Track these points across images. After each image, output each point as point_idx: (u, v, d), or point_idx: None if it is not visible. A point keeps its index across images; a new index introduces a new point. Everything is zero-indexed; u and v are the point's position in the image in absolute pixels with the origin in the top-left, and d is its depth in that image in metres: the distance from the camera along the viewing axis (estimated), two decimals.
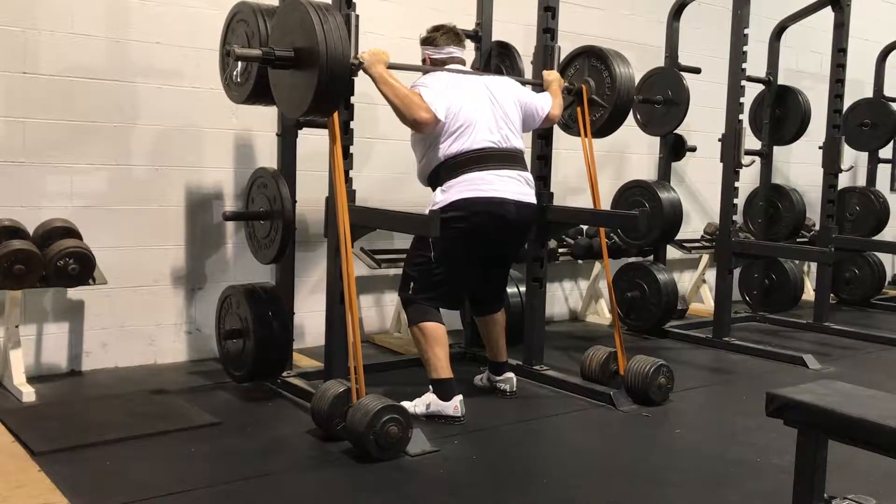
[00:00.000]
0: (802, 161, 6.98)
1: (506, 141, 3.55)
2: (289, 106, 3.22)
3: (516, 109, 3.65)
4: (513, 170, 3.54)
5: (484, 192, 3.45)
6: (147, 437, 3.15)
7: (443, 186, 3.49)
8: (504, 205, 3.48)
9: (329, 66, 2.91)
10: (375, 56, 3.33)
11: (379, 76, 3.33)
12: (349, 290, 3.16)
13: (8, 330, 3.67)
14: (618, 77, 4.06)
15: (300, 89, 3.04)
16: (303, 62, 3.00)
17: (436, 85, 3.46)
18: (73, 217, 3.87)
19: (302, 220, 4.44)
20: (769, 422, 2.10)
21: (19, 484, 2.62)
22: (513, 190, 3.52)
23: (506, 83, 3.73)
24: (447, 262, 3.50)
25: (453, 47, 3.71)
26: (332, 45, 2.91)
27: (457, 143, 3.47)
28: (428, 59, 3.72)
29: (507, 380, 3.84)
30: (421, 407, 3.45)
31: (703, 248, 6.29)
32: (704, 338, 5.19)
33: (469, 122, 3.48)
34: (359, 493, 2.75)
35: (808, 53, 7.06)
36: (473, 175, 3.45)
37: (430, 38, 3.73)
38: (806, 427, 1.99)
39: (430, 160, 3.56)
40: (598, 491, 2.84)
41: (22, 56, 3.80)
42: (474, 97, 3.53)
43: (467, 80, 3.61)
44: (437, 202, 3.48)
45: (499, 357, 3.86)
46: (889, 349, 5.25)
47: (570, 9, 5.02)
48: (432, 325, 3.48)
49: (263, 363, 3.67)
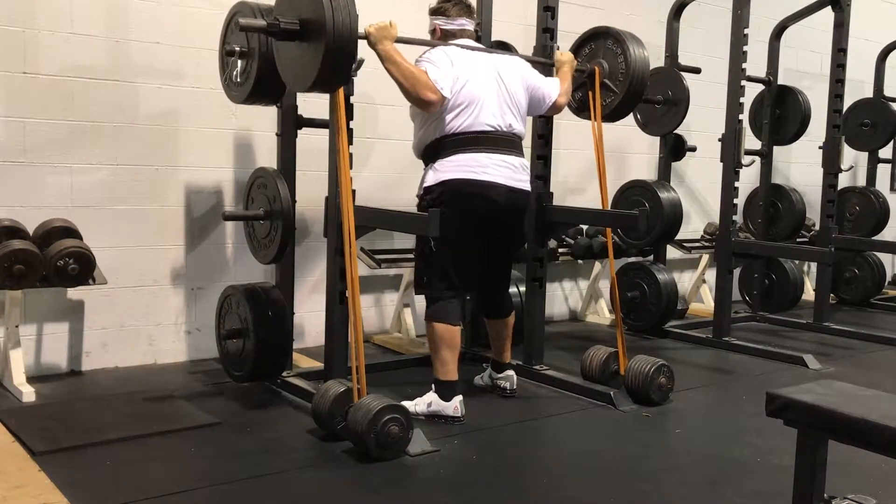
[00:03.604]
0: (802, 161, 6.99)
1: (508, 126, 3.48)
2: (294, 79, 3.11)
3: (523, 93, 3.57)
4: (508, 154, 3.47)
5: (475, 175, 3.39)
6: (147, 437, 3.15)
7: (435, 165, 3.43)
8: (495, 188, 3.42)
9: (336, 38, 2.80)
10: (382, 31, 3.21)
11: (385, 53, 3.22)
12: (353, 289, 3.14)
13: (8, 330, 3.67)
14: (633, 61, 3.94)
15: (306, 62, 2.94)
16: (309, 34, 2.90)
17: (442, 60, 3.36)
18: (73, 217, 3.87)
19: (302, 220, 4.44)
20: (769, 422, 2.10)
21: (19, 484, 2.62)
22: (506, 175, 3.45)
23: (515, 63, 3.63)
24: (446, 249, 3.41)
25: (465, 19, 3.57)
26: (340, 16, 2.80)
27: (456, 121, 3.39)
28: (438, 31, 3.58)
29: (508, 377, 3.84)
30: (422, 406, 3.45)
31: (703, 248, 6.29)
32: (704, 338, 5.19)
33: (472, 100, 3.39)
34: (359, 493, 2.75)
35: (808, 53, 7.06)
36: (467, 156, 3.39)
37: (441, 9, 3.58)
38: (806, 427, 1.98)
39: (427, 133, 3.47)
40: (598, 491, 2.84)
41: (22, 56, 3.80)
42: (481, 75, 3.44)
43: (476, 56, 3.50)
44: (428, 181, 3.44)
45: (503, 357, 3.85)
46: (889, 349, 5.25)
47: (570, 9, 5.02)
48: (445, 327, 3.44)
49: (263, 363, 3.67)
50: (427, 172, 3.48)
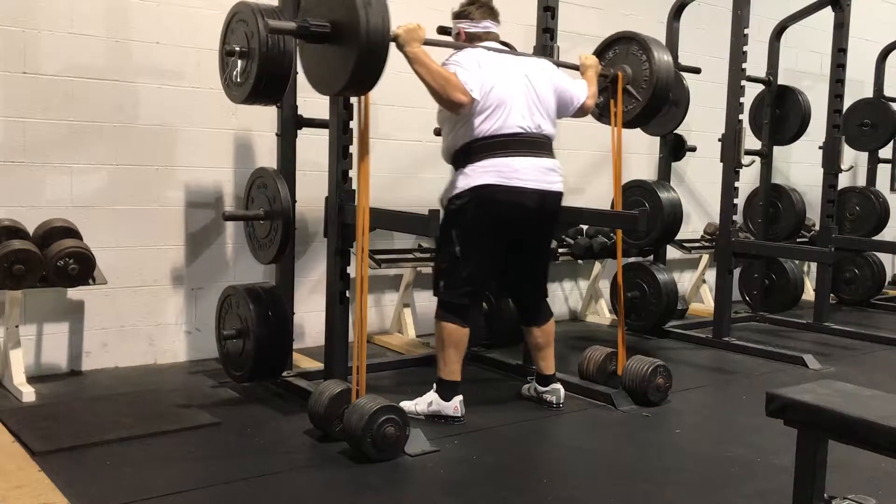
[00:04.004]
0: (802, 161, 6.99)
1: (537, 127, 3.42)
2: (321, 83, 3.03)
3: (551, 94, 3.51)
4: (539, 156, 3.41)
5: (508, 180, 3.33)
6: (147, 437, 3.15)
7: (465, 170, 3.37)
8: (527, 194, 3.37)
9: (369, 41, 2.71)
10: (411, 33, 3.14)
11: (414, 56, 3.15)
12: (362, 288, 3.11)
13: (8, 330, 3.67)
14: (657, 68, 3.87)
15: (336, 66, 2.85)
16: (340, 36, 2.81)
17: (469, 62, 3.30)
18: (73, 217, 3.87)
19: (302, 220, 4.44)
20: (769, 422, 2.10)
21: (19, 484, 2.62)
22: (538, 178, 3.39)
23: (543, 66, 3.58)
24: (470, 253, 3.39)
25: (489, 21, 3.51)
26: (374, 19, 2.71)
27: (486, 124, 3.33)
28: (462, 34, 3.52)
29: (554, 391, 3.71)
30: (422, 405, 3.44)
31: (703, 248, 6.29)
32: (704, 338, 5.19)
33: (501, 103, 3.33)
34: (358, 493, 2.75)
35: (808, 53, 7.06)
36: (498, 161, 3.33)
37: (464, 12, 3.53)
38: (806, 427, 1.99)
39: (456, 138, 3.41)
40: (597, 491, 2.84)
41: (22, 56, 3.80)
42: (509, 78, 3.38)
43: (503, 59, 3.45)
44: (458, 187, 3.38)
45: (546, 369, 3.72)
46: (889, 349, 5.25)
47: (570, 9, 5.02)
48: (454, 328, 3.41)
49: (263, 363, 3.66)
50: (457, 177, 3.41)
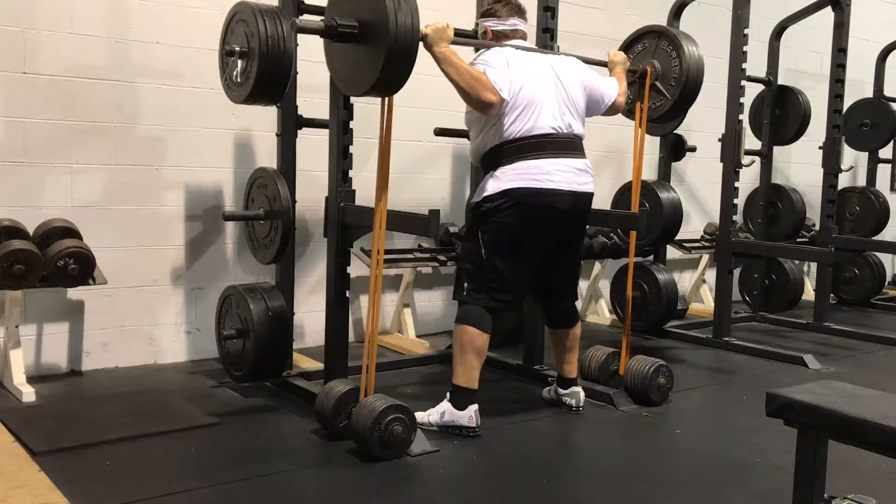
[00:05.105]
0: (802, 161, 6.98)
1: (568, 127, 3.35)
2: (347, 83, 3.01)
3: (581, 92, 3.45)
4: (571, 157, 3.34)
5: (540, 183, 3.25)
6: (147, 437, 3.15)
7: (496, 173, 3.29)
8: (559, 196, 3.29)
9: (398, 41, 2.67)
10: (439, 33, 3.08)
11: (443, 56, 3.09)
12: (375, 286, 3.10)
13: (8, 330, 3.67)
14: (688, 64, 3.77)
15: (363, 66, 2.82)
16: (368, 36, 2.77)
17: (498, 62, 3.23)
18: (73, 217, 3.87)
19: (302, 220, 4.44)
20: (769, 422, 2.10)
21: (19, 484, 2.62)
22: (570, 180, 3.31)
23: (572, 64, 3.50)
24: (499, 258, 3.30)
25: (516, 19, 3.46)
26: (403, 18, 2.67)
27: (516, 125, 3.25)
28: (490, 32, 3.46)
29: (574, 394, 3.65)
30: (435, 416, 3.32)
31: (703, 248, 6.28)
32: (704, 338, 5.19)
33: (531, 102, 3.26)
34: (359, 493, 2.75)
35: (808, 53, 7.06)
36: (530, 163, 3.25)
37: (491, 10, 3.48)
38: (806, 427, 1.99)
39: (486, 140, 3.34)
40: (598, 491, 2.84)
41: (22, 56, 3.80)
42: (538, 77, 3.32)
43: (532, 57, 3.38)
44: (488, 190, 3.29)
45: (569, 373, 3.66)
46: (889, 349, 5.26)
47: (570, 9, 5.02)
48: (476, 332, 3.29)
49: (263, 363, 3.66)
50: (487, 180, 3.32)
